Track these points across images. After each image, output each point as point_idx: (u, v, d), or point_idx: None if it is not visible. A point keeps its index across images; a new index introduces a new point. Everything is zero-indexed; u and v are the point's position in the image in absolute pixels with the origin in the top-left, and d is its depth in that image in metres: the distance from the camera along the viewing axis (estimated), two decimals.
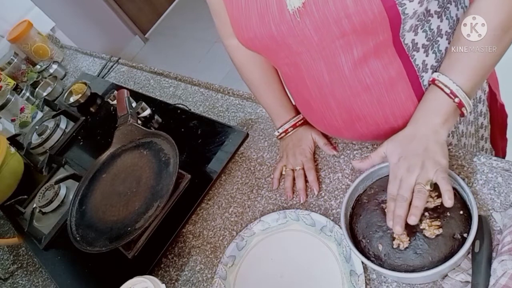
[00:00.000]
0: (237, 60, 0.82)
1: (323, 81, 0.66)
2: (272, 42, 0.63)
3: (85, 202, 0.97)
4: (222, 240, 0.80)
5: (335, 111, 0.70)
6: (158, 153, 0.95)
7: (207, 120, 1.02)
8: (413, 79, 0.64)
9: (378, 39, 0.59)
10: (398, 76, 0.63)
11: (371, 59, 0.61)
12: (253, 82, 0.84)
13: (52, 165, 1.22)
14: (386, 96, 0.66)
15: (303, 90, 0.71)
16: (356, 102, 0.67)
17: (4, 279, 1.09)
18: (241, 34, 0.66)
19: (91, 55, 1.75)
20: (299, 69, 0.67)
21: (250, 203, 0.83)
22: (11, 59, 1.83)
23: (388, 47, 0.60)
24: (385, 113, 0.68)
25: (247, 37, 0.65)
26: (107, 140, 1.08)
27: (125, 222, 0.86)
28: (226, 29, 0.75)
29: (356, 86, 0.65)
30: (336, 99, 0.68)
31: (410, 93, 0.66)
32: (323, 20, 0.57)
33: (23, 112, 1.52)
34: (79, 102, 1.35)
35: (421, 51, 0.62)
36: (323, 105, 0.71)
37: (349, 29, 0.57)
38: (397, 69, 0.63)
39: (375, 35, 0.58)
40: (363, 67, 0.62)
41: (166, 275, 0.83)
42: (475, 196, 0.62)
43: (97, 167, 1.03)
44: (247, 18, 0.63)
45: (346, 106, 0.68)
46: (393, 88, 0.65)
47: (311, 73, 0.66)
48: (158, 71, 1.34)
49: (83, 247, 0.86)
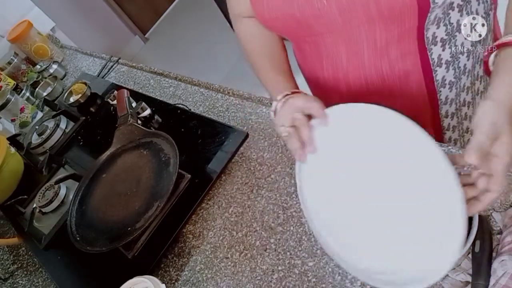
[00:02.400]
0: (242, 38, 0.79)
1: (340, 65, 0.66)
2: (294, 23, 0.62)
3: (85, 202, 0.97)
4: (222, 240, 0.80)
5: (344, 97, 0.70)
6: (158, 153, 0.95)
7: (207, 120, 1.02)
8: (427, 73, 0.64)
9: (403, 27, 0.58)
10: (413, 68, 0.64)
11: (392, 49, 0.61)
12: (259, 55, 0.77)
13: (52, 165, 1.22)
14: (398, 86, 0.66)
15: (317, 69, 0.70)
16: (368, 90, 0.67)
17: (4, 279, 1.09)
18: (262, 14, 0.64)
19: (91, 55, 1.75)
20: (319, 48, 0.66)
21: (250, 203, 0.83)
22: (11, 59, 1.83)
23: (410, 37, 0.60)
24: (394, 103, 0.67)
25: (269, 17, 0.64)
26: (107, 140, 1.07)
27: (125, 222, 0.86)
28: (235, 8, 0.75)
29: (372, 75, 0.65)
30: (348, 85, 0.68)
31: (421, 86, 0.66)
32: (350, 4, 0.56)
33: (23, 112, 1.52)
34: (79, 102, 1.35)
35: (439, 45, 0.62)
36: (334, 88, 0.70)
37: (375, 14, 0.56)
38: (414, 61, 0.63)
39: (400, 21, 0.57)
40: (383, 56, 0.62)
41: (166, 275, 0.83)
42: None
43: (97, 167, 1.03)
44: (269, 1, 0.62)
45: (357, 93, 0.68)
46: (407, 79, 0.65)
47: (330, 54, 0.66)
48: (158, 71, 1.34)
49: (83, 247, 0.86)
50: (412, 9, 0.55)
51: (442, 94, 0.68)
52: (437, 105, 0.70)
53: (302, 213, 0.75)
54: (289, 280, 0.69)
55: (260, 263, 0.74)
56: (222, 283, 0.75)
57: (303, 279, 0.68)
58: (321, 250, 0.69)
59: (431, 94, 0.68)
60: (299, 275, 0.68)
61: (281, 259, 0.72)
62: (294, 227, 0.74)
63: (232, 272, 0.75)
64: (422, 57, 0.62)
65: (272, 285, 0.70)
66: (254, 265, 0.74)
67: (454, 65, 0.65)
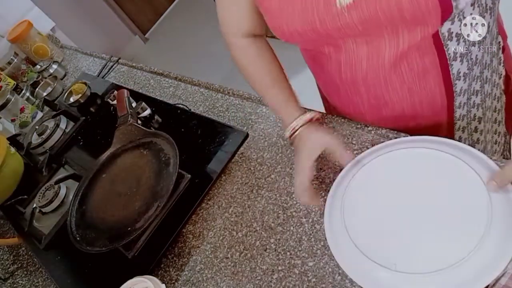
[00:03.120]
0: (242, 59, 0.79)
1: (359, 67, 0.66)
2: (314, 34, 0.63)
3: (85, 202, 0.97)
4: (222, 240, 0.80)
5: (363, 96, 0.71)
6: (158, 153, 0.95)
7: (207, 120, 1.02)
8: (444, 68, 0.65)
9: (426, 30, 0.58)
10: (431, 65, 0.64)
11: (413, 50, 0.62)
12: (261, 81, 0.78)
13: (52, 165, 1.22)
14: (417, 83, 0.66)
15: (335, 72, 0.71)
16: (387, 89, 0.68)
17: (4, 279, 1.09)
18: (280, 27, 0.64)
19: (91, 55, 1.75)
20: (338, 54, 0.67)
21: (250, 203, 0.83)
22: (11, 59, 1.83)
23: (430, 37, 0.60)
24: (413, 100, 0.69)
25: (287, 31, 0.64)
26: (107, 140, 1.07)
27: (125, 222, 0.87)
28: (232, 26, 0.75)
29: (391, 75, 0.65)
30: (367, 85, 0.69)
31: (439, 81, 0.66)
32: (373, 15, 0.56)
33: (23, 112, 1.52)
34: (79, 102, 1.35)
35: (454, 39, 0.62)
36: (353, 90, 0.71)
37: (399, 21, 0.56)
38: (431, 58, 0.63)
39: (424, 25, 0.58)
40: (403, 58, 0.63)
41: (166, 275, 0.83)
42: None
43: (97, 167, 1.03)
44: (289, 13, 0.62)
45: (376, 92, 0.69)
46: (425, 76, 0.65)
47: (349, 59, 0.66)
48: (158, 71, 1.34)
49: (83, 247, 0.86)
50: (435, 13, 0.55)
51: (457, 86, 0.69)
52: (452, 97, 0.70)
53: (302, 213, 0.75)
54: (289, 280, 0.69)
55: (260, 263, 0.74)
56: (222, 283, 0.75)
57: (303, 279, 0.68)
58: (321, 250, 0.69)
59: (448, 87, 0.68)
60: (299, 275, 0.68)
61: (281, 259, 0.72)
62: (294, 227, 0.74)
63: (232, 272, 0.75)
64: (439, 53, 0.63)
65: (272, 285, 0.70)
66: (254, 265, 0.74)
67: (467, 57, 0.66)
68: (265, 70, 0.77)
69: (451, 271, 0.49)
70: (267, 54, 0.78)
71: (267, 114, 0.96)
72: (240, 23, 0.74)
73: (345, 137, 0.80)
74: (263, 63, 0.77)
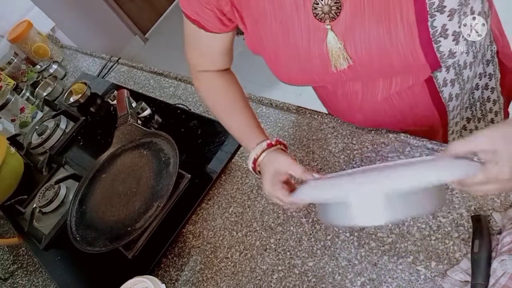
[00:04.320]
0: (204, 92, 0.77)
1: (355, 99, 0.71)
2: (313, 83, 0.70)
3: (85, 202, 0.97)
4: (222, 240, 0.80)
5: (359, 120, 0.78)
6: (158, 153, 0.95)
7: (207, 120, 1.02)
8: (434, 94, 0.67)
9: (418, 79, 0.63)
10: (420, 93, 0.67)
11: (404, 89, 0.66)
12: (223, 108, 0.76)
13: (52, 165, 1.22)
14: (408, 109, 0.71)
15: (333, 100, 0.77)
16: (381, 115, 0.73)
17: (4, 279, 1.09)
18: (280, 75, 0.68)
19: (91, 55, 1.75)
20: (337, 87, 0.71)
21: (250, 203, 0.83)
22: (11, 59, 1.83)
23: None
24: (406, 121, 0.74)
25: (287, 79, 0.67)
26: (107, 140, 1.08)
27: (125, 222, 0.87)
28: (196, 64, 0.76)
29: (384, 106, 0.70)
30: (363, 113, 0.74)
31: (430, 105, 0.69)
32: (367, 74, 0.62)
33: (23, 112, 1.52)
34: (79, 102, 1.35)
35: (443, 70, 0.64)
36: (349, 113, 0.77)
37: (391, 74, 0.62)
38: (420, 89, 0.66)
39: (415, 76, 0.63)
40: (394, 93, 0.67)
41: (166, 275, 0.83)
42: (475, 196, 0.62)
43: (97, 167, 1.03)
44: (288, 72, 0.65)
45: (371, 118, 0.75)
46: (416, 103, 0.69)
47: (345, 90, 0.70)
48: (158, 71, 1.34)
49: (83, 247, 0.86)
50: (424, 70, 0.60)
51: (450, 106, 0.71)
52: (446, 115, 0.73)
53: (302, 213, 0.75)
54: (289, 280, 0.69)
55: (260, 263, 0.74)
56: (222, 283, 0.75)
57: (303, 279, 0.68)
58: (321, 250, 0.69)
59: (440, 109, 0.71)
60: (299, 275, 0.68)
61: (281, 259, 0.72)
62: (294, 227, 0.74)
63: (232, 272, 0.75)
64: (428, 84, 0.65)
65: (272, 285, 0.70)
66: (254, 265, 0.74)
67: (459, 80, 0.68)
68: (227, 102, 0.75)
69: None
70: (231, 87, 0.76)
71: (267, 114, 0.96)
72: (204, 64, 0.75)
73: (345, 137, 0.81)
74: (226, 95, 0.75)
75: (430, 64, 0.58)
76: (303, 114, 0.90)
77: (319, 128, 0.86)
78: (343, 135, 0.81)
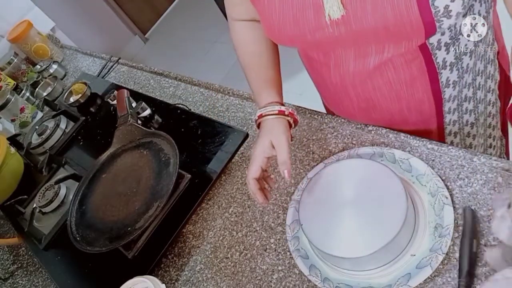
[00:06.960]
0: (236, 40, 0.80)
1: (347, 70, 0.69)
2: (304, 43, 0.67)
3: (85, 202, 0.97)
4: (222, 240, 0.80)
5: (353, 99, 0.74)
6: (158, 153, 0.95)
7: (207, 120, 1.02)
8: (432, 76, 0.66)
9: (411, 45, 0.61)
10: (418, 72, 0.66)
11: (397, 58, 0.64)
12: (249, 59, 0.78)
13: (52, 165, 1.22)
14: (404, 90, 0.69)
15: (326, 74, 0.74)
16: (375, 94, 0.70)
17: (4, 279, 1.09)
18: (273, 35, 0.68)
19: (91, 55, 1.75)
20: (328, 58, 0.69)
21: (250, 203, 0.83)
22: (11, 59, 1.83)
23: (416, 47, 0.62)
24: (401, 106, 0.72)
25: (278, 36, 0.67)
26: (107, 140, 1.08)
27: (125, 222, 0.87)
28: (233, 10, 0.77)
29: (378, 80, 0.68)
30: (355, 89, 0.72)
31: (427, 89, 0.68)
32: (360, 30, 0.59)
33: (23, 112, 1.52)
34: (79, 102, 1.35)
35: (443, 49, 0.63)
36: (342, 92, 0.74)
37: (384, 37, 0.59)
38: (419, 66, 0.65)
39: (409, 41, 0.60)
40: (388, 63, 0.65)
41: (166, 275, 0.83)
42: (474, 196, 0.62)
43: (97, 167, 1.03)
44: (280, 23, 0.64)
45: (364, 96, 0.72)
46: (413, 83, 0.67)
47: (337, 63, 0.69)
48: (158, 71, 1.34)
49: (83, 247, 0.86)
50: (419, 33, 0.57)
51: (446, 93, 0.70)
52: (441, 103, 0.72)
53: None
54: (289, 280, 0.69)
55: (260, 263, 0.74)
56: (222, 283, 0.75)
57: (303, 279, 0.68)
58: None
59: (436, 94, 0.70)
60: (299, 275, 0.68)
61: (281, 259, 0.72)
62: None
63: (232, 272, 0.75)
64: (427, 62, 0.64)
65: (272, 285, 0.70)
66: (254, 265, 0.74)
67: (457, 66, 0.67)
68: (253, 56, 0.78)
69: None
70: (262, 40, 0.77)
71: None
72: (240, 9, 0.76)
73: (345, 137, 0.81)
74: (254, 46, 0.78)
75: (424, 21, 0.55)
76: (303, 114, 0.90)
77: (319, 128, 0.86)
78: (343, 135, 0.81)
